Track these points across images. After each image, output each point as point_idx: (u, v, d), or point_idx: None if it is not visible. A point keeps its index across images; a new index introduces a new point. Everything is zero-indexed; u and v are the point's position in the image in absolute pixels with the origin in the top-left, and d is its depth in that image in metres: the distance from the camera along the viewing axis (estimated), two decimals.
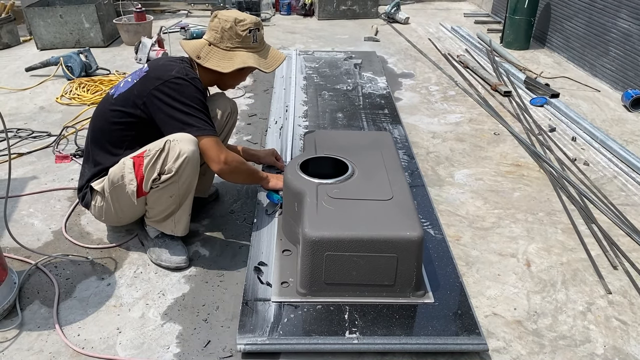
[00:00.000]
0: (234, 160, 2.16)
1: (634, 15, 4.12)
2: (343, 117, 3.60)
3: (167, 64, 2.15)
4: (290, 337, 1.79)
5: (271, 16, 6.83)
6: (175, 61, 2.17)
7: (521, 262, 2.31)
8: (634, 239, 2.46)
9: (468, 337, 1.80)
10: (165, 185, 2.04)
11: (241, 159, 2.26)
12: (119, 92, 2.14)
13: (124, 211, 2.19)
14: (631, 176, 3.02)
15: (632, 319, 2.01)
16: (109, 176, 2.10)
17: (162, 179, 2.02)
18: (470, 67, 4.77)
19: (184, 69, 2.10)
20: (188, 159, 2.00)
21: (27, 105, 3.94)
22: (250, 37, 2.17)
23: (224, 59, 2.16)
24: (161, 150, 1.99)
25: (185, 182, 2.07)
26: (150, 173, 2.02)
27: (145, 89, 2.06)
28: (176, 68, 2.10)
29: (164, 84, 2.04)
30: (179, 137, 2.01)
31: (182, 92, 2.04)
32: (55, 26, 5.29)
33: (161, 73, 2.09)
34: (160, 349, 1.83)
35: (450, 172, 3.05)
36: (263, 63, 2.22)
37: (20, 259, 2.25)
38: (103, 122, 2.16)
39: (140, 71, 2.17)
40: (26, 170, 2.99)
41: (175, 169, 2.00)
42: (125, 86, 2.14)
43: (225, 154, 2.11)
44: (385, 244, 1.85)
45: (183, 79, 2.06)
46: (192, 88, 2.06)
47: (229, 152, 2.15)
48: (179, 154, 1.98)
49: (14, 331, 1.89)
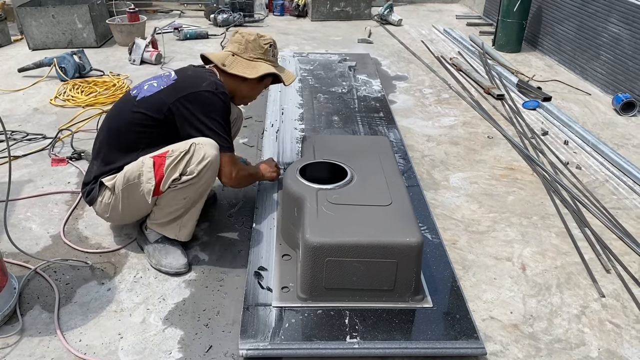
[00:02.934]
0: (241, 176, 2.29)
1: (624, 20, 4.19)
2: (339, 120, 3.62)
3: (197, 75, 2.22)
4: (292, 342, 1.81)
5: (264, 17, 6.83)
6: (204, 73, 2.25)
7: (516, 265, 2.35)
8: (626, 243, 2.51)
9: (466, 341, 1.84)
10: (184, 187, 2.08)
11: (245, 170, 2.39)
12: (143, 95, 2.17)
13: (131, 210, 2.20)
14: (622, 180, 3.08)
15: (625, 322, 2.05)
16: (125, 173, 2.11)
17: (182, 179, 2.07)
18: (463, 70, 4.81)
19: (214, 82, 2.17)
20: (211, 162, 2.07)
21: (21, 106, 3.91)
22: (270, 51, 2.34)
23: (248, 68, 2.28)
24: (186, 152, 2.05)
25: (203, 185, 2.12)
26: (172, 173, 2.06)
27: (174, 96, 2.12)
28: (207, 81, 2.16)
29: (194, 94, 2.11)
30: (204, 141, 2.08)
31: (210, 106, 2.12)
32: (48, 26, 5.25)
33: (193, 83, 2.15)
34: (162, 354, 1.84)
35: (446, 175, 3.09)
36: (282, 76, 2.38)
37: (19, 264, 2.25)
38: (122, 123, 2.19)
39: (168, 78, 2.22)
40: (22, 174, 2.98)
41: (197, 171, 2.05)
42: (151, 90, 2.18)
43: (236, 170, 2.23)
44: (385, 250, 1.88)
45: (213, 93, 2.13)
46: (221, 103, 2.15)
47: (238, 166, 2.27)
48: (204, 157, 2.05)
49: (15, 337, 1.90)
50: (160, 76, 2.27)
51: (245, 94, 2.41)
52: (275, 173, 2.59)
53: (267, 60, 2.33)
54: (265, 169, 2.54)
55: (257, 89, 2.43)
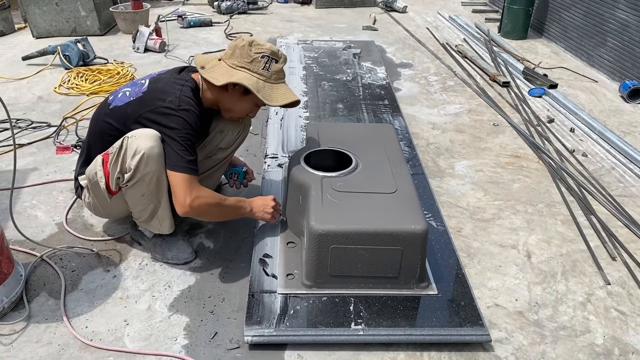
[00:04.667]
0: (201, 204, 1.95)
1: (632, 6, 4.14)
2: (343, 108, 3.61)
3: (164, 88, 2.02)
4: (297, 328, 1.81)
5: (268, 4, 6.79)
6: (176, 84, 2.04)
7: (522, 253, 2.34)
8: (632, 230, 2.50)
9: (471, 328, 1.84)
10: (133, 184, 1.99)
11: (213, 199, 2.01)
12: (115, 105, 2.07)
13: (109, 207, 2.17)
14: (629, 167, 3.06)
15: (630, 309, 2.05)
16: (88, 172, 2.10)
17: (125, 177, 1.97)
18: (469, 57, 4.78)
19: (178, 98, 1.97)
20: (146, 155, 1.90)
21: (25, 94, 3.92)
22: (261, 62, 2.02)
23: (223, 74, 2.03)
24: (119, 147, 1.95)
25: (152, 179, 1.97)
26: (113, 171, 1.99)
27: (137, 111, 1.99)
28: (171, 96, 1.97)
29: (154, 111, 1.96)
30: (138, 132, 1.94)
31: (170, 123, 1.94)
32: (51, 14, 5.24)
33: (158, 97, 1.99)
34: (168, 340, 1.85)
35: (451, 163, 3.08)
36: (264, 92, 2.03)
37: (25, 251, 2.26)
38: (96, 128, 2.12)
39: (139, 88, 2.06)
40: (27, 162, 2.99)
41: (133, 166, 1.92)
42: (123, 100, 2.06)
43: (191, 198, 1.92)
44: (390, 237, 1.88)
45: (173, 110, 1.94)
46: (180, 120, 1.94)
47: (200, 192, 1.95)
48: (136, 151, 1.91)
49: (22, 323, 1.91)
50: (135, 83, 2.12)
51: (227, 106, 2.15)
52: (270, 215, 2.19)
53: (252, 72, 2.02)
54: (258, 207, 2.17)
55: (241, 103, 2.13)
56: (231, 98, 2.11)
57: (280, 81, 2.10)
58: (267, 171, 2.77)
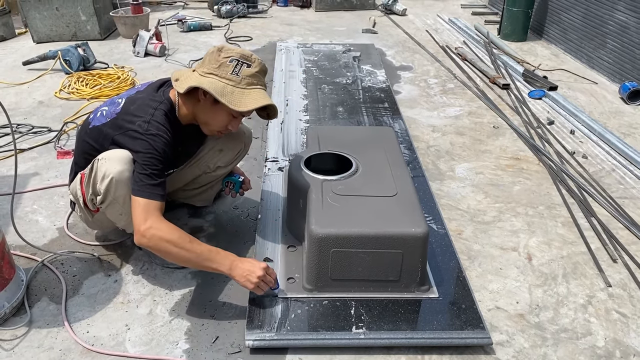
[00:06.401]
0: (155, 235, 1.78)
1: (631, 8, 4.14)
2: (343, 111, 3.61)
3: (136, 112, 1.95)
4: (298, 332, 1.82)
5: (268, 8, 6.80)
6: (149, 106, 1.96)
7: (522, 255, 2.34)
8: (632, 232, 2.50)
9: (472, 331, 1.84)
10: (106, 206, 1.98)
11: (172, 235, 1.80)
12: (94, 124, 2.04)
13: (94, 222, 2.19)
14: (629, 169, 3.06)
15: (631, 311, 2.05)
16: (70, 188, 2.14)
17: (98, 200, 1.98)
18: (469, 60, 4.78)
19: (147, 122, 1.89)
20: (115, 180, 1.87)
21: (26, 99, 3.92)
22: (230, 67, 1.91)
23: (190, 81, 1.93)
24: (90, 169, 1.95)
25: (126, 200, 1.91)
26: (87, 192, 2.00)
27: (111, 133, 1.96)
28: (142, 118, 1.91)
29: (124, 134, 1.92)
30: (109, 155, 1.91)
31: (133, 146, 1.89)
32: (52, 19, 5.25)
33: (127, 120, 1.94)
34: (170, 345, 1.85)
35: (451, 166, 3.08)
36: (231, 97, 1.89)
37: (26, 256, 2.26)
38: (78, 147, 2.14)
39: (115, 108, 2.01)
40: (28, 166, 3.00)
41: (103, 190, 1.91)
42: (100, 120, 2.02)
43: (145, 226, 1.78)
44: (390, 240, 1.88)
45: (140, 134, 1.88)
46: (145, 144, 1.86)
47: (157, 223, 1.79)
48: (105, 175, 1.89)
49: (24, 328, 1.91)
50: (113, 102, 2.06)
51: (202, 119, 2.04)
52: (254, 285, 1.84)
53: (219, 77, 1.90)
54: (242, 271, 1.84)
55: (215, 114, 2.00)
56: (204, 109, 1.99)
57: (253, 86, 1.94)
58: (268, 175, 2.77)
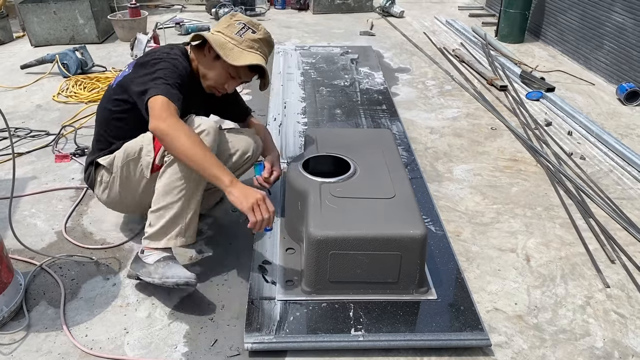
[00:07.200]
0: (175, 123, 1.86)
1: (628, 9, 4.16)
2: (341, 113, 3.62)
3: (155, 50, 2.14)
4: (297, 335, 1.81)
5: (266, 11, 6.81)
6: (165, 46, 2.18)
7: (521, 257, 2.35)
8: (630, 233, 2.50)
9: (471, 332, 1.84)
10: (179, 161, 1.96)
11: (193, 133, 1.90)
12: (117, 82, 2.16)
13: (130, 191, 2.14)
14: (627, 170, 3.07)
15: (630, 312, 2.05)
16: (125, 149, 2.08)
17: None
18: (466, 61, 4.79)
19: (167, 53, 2.08)
20: (208, 127, 2.00)
21: (24, 103, 3.92)
22: (236, 27, 2.08)
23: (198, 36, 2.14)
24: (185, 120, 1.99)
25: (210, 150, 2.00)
26: None
27: (135, 72, 2.07)
28: (160, 52, 2.09)
29: (146, 65, 2.04)
30: (200, 117, 2.04)
31: (156, 68, 2.01)
32: (49, 22, 5.25)
33: (148, 57, 2.09)
34: (168, 348, 1.85)
35: (449, 167, 3.08)
36: (228, 52, 2.04)
37: (24, 260, 2.26)
38: (103, 114, 2.19)
39: (135, 60, 2.17)
40: (26, 170, 2.99)
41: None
42: (122, 75, 2.15)
43: (168, 114, 1.86)
44: (389, 242, 1.88)
45: (161, 59, 2.04)
46: (167, 64, 2.02)
47: (179, 120, 1.89)
48: (200, 124, 2.00)
49: (22, 333, 1.91)
50: (130, 63, 2.21)
51: (203, 71, 2.16)
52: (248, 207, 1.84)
53: (224, 34, 2.08)
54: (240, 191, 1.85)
55: (214, 69, 2.12)
56: (206, 62, 2.14)
57: (252, 50, 2.08)
58: None
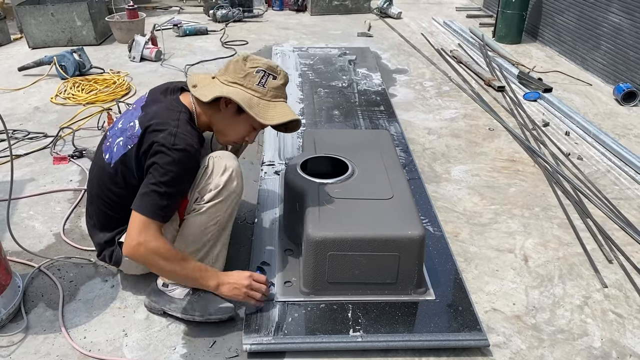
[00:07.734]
0: (148, 252, 1.73)
1: (624, 10, 4.17)
2: (339, 114, 3.62)
3: (161, 117, 1.81)
4: (295, 336, 1.82)
5: (264, 12, 6.82)
6: (170, 112, 1.83)
7: (519, 257, 2.35)
8: (628, 233, 2.51)
9: (469, 333, 1.84)
10: (210, 206, 1.85)
11: (166, 252, 1.75)
12: (115, 160, 1.87)
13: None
14: (624, 170, 3.07)
15: (627, 312, 2.05)
16: None
17: (206, 198, 1.85)
18: (464, 62, 4.80)
19: (172, 134, 1.75)
20: (235, 172, 1.86)
21: (22, 105, 3.92)
22: (256, 77, 1.84)
23: (213, 91, 1.84)
24: (206, 167, 1.85)
25: (233, 201, 1.90)
26: (194, 193, 1.87)
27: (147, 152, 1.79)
28: (167, 129, 1.76)
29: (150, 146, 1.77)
30: (220, 154, 1.89)
31: (160, 160, 1.75)
32: (47, 24, 5.25)
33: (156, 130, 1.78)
34: (167, 349, 1.85)
35: (447, 168, 3.09)
36: (257, 109, 1.83)
37: (23, 262, 2.26)
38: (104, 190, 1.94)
39: (133, 130, 1.84)
40: (24, 172, 2.99)
41: (222, 183, 1.84)
42: (119, 152, 1.86)
43: (142, 239, 1.71)
44: (387, 243, 1.88)
45: (167, 148, 1.73)
46: (168, 160, 1.73)
47: (157, 241, 1.73)
48: (226, 168, 1.85)
49: (20, 335, 1.90)
50: (123, 129, 1.88)
51: (220, 128, 1.94)
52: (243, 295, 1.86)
53: (245, 87, 1.83)
54: (229, 284, 1.85)
55: (235, 124, 1.91)
56: (224, 118, 1.91)
57: (278, 99, 1.89)
58: (264, 179, 2.78)
